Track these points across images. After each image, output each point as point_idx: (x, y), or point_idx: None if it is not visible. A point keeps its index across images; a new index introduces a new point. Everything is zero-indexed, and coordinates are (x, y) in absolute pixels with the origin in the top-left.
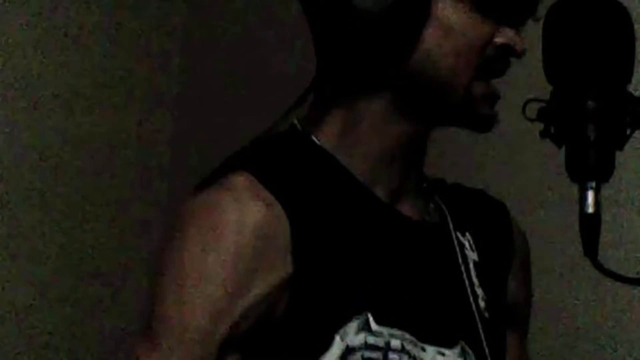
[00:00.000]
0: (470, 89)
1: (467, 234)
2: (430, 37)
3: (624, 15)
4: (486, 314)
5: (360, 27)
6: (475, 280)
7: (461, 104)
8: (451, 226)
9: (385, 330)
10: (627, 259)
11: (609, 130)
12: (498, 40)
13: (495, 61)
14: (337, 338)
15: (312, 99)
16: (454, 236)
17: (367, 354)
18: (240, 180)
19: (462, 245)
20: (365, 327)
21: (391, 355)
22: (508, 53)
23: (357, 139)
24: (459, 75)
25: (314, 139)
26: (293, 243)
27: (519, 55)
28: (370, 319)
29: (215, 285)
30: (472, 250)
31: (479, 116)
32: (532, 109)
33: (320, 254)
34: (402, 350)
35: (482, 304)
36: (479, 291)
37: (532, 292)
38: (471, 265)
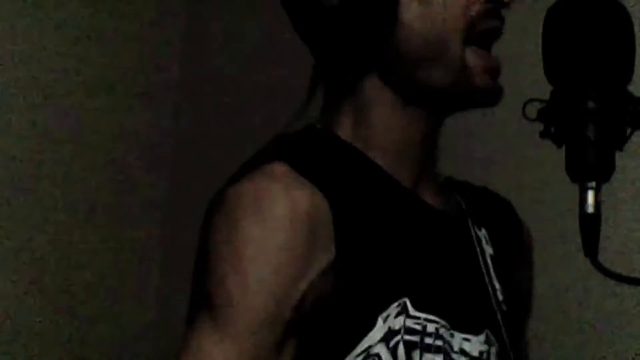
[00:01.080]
0: (465, 58)
1: (482, 228)
2: (409, 10)
3: (624, 15)
4: (504, 307)
5: (336, 15)
6: (492, 273)
7: (458, 77)
8: (470, 221)
9: (422, 315)
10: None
11: (609, 130)
12: None
13: (483, 18)
14: (380, 321)
15: (323, 99)
16: (472, 230)
17: (407, 337)
18: (282, 169)
19: (479, 240)
20: (404, 312)
21: (427, 339)
22: (494, 5)
23: (370, 130)
24: (448, 42)
25: (334, 133)
26: (335, 229)
27: (503, 3)
28: (409, 304)
29: (276, 270)
30: (488, 245)
31: (478, 89)
32: (532, 109)
33: (359, 240)
34: (437, 334)
35: (500, 296)
36: (497, 284)
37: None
38: (488, 260)
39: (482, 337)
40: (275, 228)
